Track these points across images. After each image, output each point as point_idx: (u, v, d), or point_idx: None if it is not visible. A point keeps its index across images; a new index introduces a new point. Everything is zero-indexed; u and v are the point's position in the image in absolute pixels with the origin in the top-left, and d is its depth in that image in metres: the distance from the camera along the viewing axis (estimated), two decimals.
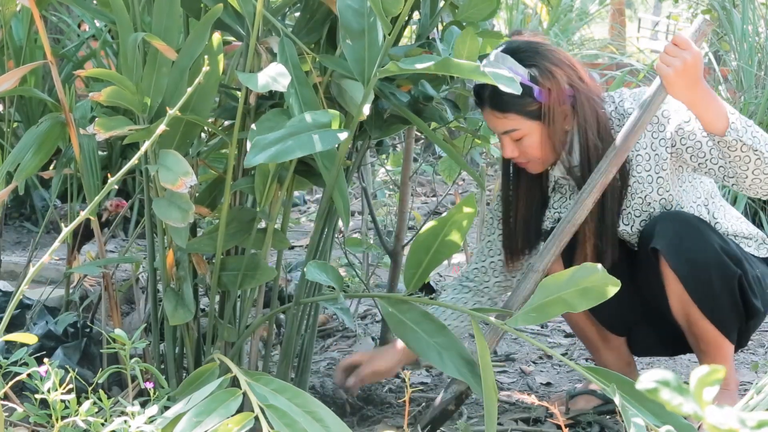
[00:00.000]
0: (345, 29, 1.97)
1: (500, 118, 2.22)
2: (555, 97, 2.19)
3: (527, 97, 2.18)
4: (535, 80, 2.19)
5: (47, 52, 2.28)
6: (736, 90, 5.00)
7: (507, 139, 2.25)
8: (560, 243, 2.20)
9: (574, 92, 2.22)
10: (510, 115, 2.21)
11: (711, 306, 2.23)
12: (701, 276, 2.20)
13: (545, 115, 2.21)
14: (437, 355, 2.00)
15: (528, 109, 2.20)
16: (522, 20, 8.03)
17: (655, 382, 0.67)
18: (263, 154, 1.86)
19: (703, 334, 2.27)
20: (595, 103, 2.24)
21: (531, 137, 2.23)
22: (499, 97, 2.16)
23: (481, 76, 1.84)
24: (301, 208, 5.33)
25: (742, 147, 2.10)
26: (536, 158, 2.27)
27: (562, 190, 2.40)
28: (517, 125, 2.22)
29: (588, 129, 2.22)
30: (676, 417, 1.76)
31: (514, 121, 2.22)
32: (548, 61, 2.19)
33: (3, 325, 1.68)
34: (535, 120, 2.21)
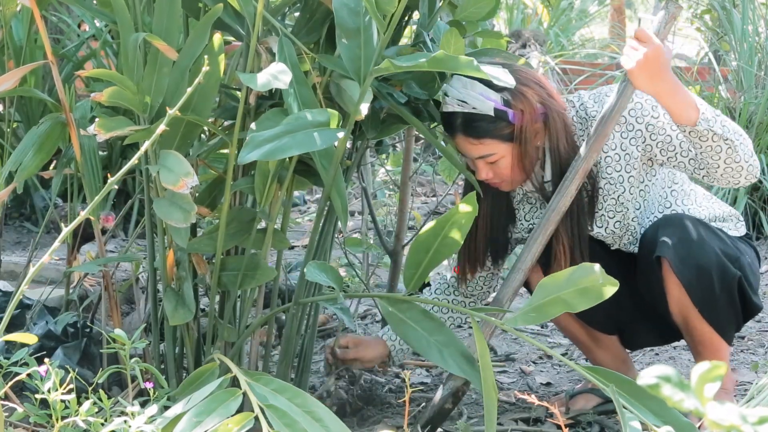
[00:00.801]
0: (340, 28, 1.98)
1: (475, 144, 2.22)
2: (528, 118, 2.19)
3: (501, 121, 2.19)
4: (508, 104, 2.19)
5: (48, 52, 2.28)
6: (736, 90, 5.00)
7: (481, 163, 2.25)
8: (546, 233, 2.21)
9: (545, 109, 2.22)
10: (485, 141, 2.21)
11: (711, 309, 2.24)
12: (704, 281, 2.21)
13: (518, 137, 2.20)
14: (438, 353, 2.00)
15: (502, 133, 2.20)
16: (522, 20, 8.03)
17: (656, 378, 0.67)
18: (257, 151, 1.86)
19: (700, 337, 2.28)
20: (564, 117, 2.25)
21: (506, 159, 2.23)
22: (472, 124, 2.18)
23: (475, 71, 1.84)
24: (301, 208, 5.33)
25: (713, 137, 2.11)
26: (510, 178, 2.27)
27: (531, 200, 2.41)
28: (493, 150, 2.22)
29: (559, 143, 2.23)
30: (676, 416, 1.76)
31: (489, 146, 2.21)
32: (518, 82, 2.14)
33: (3, 325, 1.68)
34: (510, 142, 2.21)
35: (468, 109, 2.18)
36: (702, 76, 5.47)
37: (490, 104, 2.17)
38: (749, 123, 4.71)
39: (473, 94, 2.18)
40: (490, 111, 2.18)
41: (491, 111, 2.18)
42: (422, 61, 1.86)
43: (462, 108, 2.19)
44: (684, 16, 8.22)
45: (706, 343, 2.28)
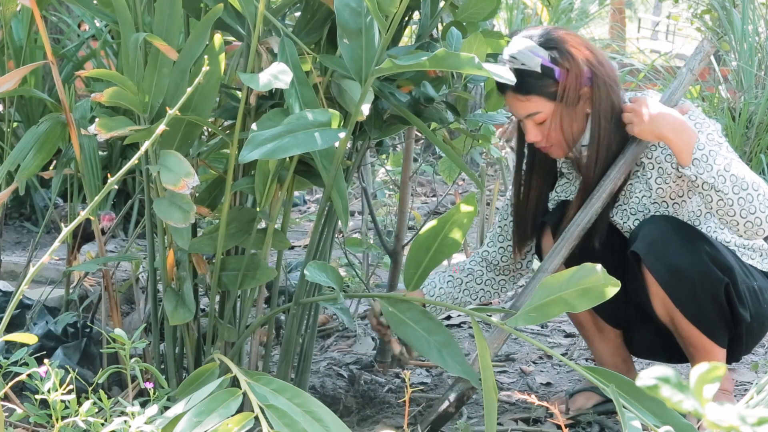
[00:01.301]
0: (342, 28, 1.98)
1: (522, 101, 2.26)
2: (573, 78, 2.23)
3: (548, 79, 2.23)
4: (556, 61, 2.23)
5: (48, 52, 2.28)
6: (736, 90, 5.00)
7: (530, 123, 2.28)
8: (569, 246, 2.25)
9: (592, 74, 2.25)
10: (532, 98, 2.24)
11: (694, 312, 2.23)
12: (683, 282, 2.21)
13: (563, 95, 2.24)
14: (438, 353, 2.00)
15: (549, 91, 2.24)
16: (522, 20, 8.03)
17: (655, 379, 0.67)
18: (258, 151, 1.86)
19: (690, 339, 2.28)
20: (611, 89, 2.27)
21: (553, 119, 2.26)
22: (521, 80, 2.20)
23: (477, 69, 1.84)
24: (301, 208, 5.33)
25: (702, 185, 2.16)
26: (558, 141, 2.29)
27: (568, 176, 2.43)
28: (539, 107, 2.25)
29: (602, 113, 2.26)
30: (676, 416, 1.76)
31: (536, 103, 2.25)
32: (567, 44, 2.24)
33: (3, 325, 1.68)
34: (557, 101, 2.24)
35: (517, 65, 2.23)
36: (702, 76, 5.47)
37: (537, 60, 2.22)
38: (749, 123, 4.71)
39: (523, 51, 2.23)
40: (536, 67, 2.21)
41: (538, 67, 2.21)
42: (423, 60, 1.86)
43: (512, 64, 2.23)
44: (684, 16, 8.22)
45: (697, 345, 2.28)
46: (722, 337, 2.28)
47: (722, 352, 2.29)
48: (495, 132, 2.90)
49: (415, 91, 2.24)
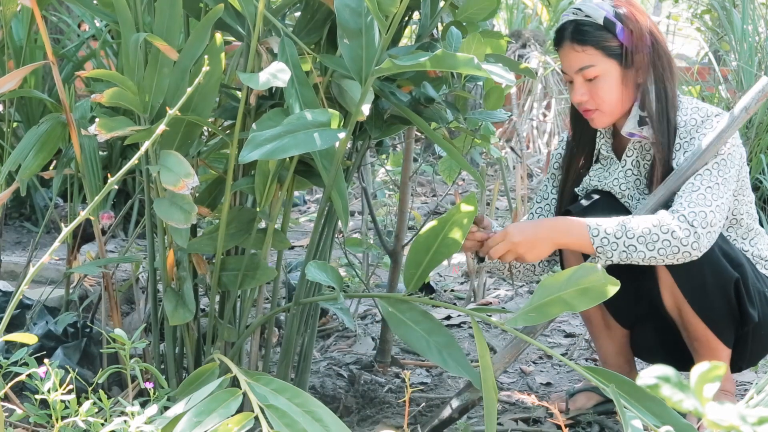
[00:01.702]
0: (342, 28, 1.98)
1: (578, 51, 2.25)
2: (636, 40, 2.23)
3: (608, 33, 2.24)
4: (620, 18, 2.24)
5: (48, 52, 2.28)
6: (736, 90, 5.00)
7: (579, 79, 2.27)
8: None
9: (652, 43, 2.25)
10: (588, 49, 2.24)
11: (703, 306, 2.22)
12: (693, 272, 2.18)
13: (624, 56, 2.24)
14: (438, 354, 2.00)
15: (607, 44, 2.24)
16: (522, 20, 8.03)
17: (655, 378, 0.67)
18: (258, 151, 1.86)
19: (695, 333, 2.26)
20: (671, 59, 2.29)
21: (604, 78, 2.25)
22: (581, 29, 2.24)
23: (475, 69, 1.84)
24: (301, 208, 5.33)
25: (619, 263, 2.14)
26: (606, 104, 2.27)
27: (603, 162, 2.41)
28: (594, 61, 2.25)
29: (667, 81, 2.26)
30: (676, 417, 1.76)
31: (592, 56, 2.25)
32: (634, 7, 2.26)
33: (3, 325, 1.68)
34: (613, 59, 2.24)
35: (581, 16, 2.25)
36: (702, 76, 5.47)
37: (602, 12, 2.24)
38: (749, 123, 4.71)
39: (589, 4, 2.25)
40: (600, 19, 2.23)
41: (601, 19, 2.23)
42: (423, 60, 1.86)
43: (576, 15, 2.26)
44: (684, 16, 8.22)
45: (702, 341, 2.26)
46: (728, 335, 2.26)
47: (726, 352, 2.28)
48: (495, 132, 2.90)
49: (415, 92, 2.24)
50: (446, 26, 2.32)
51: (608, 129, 2.39)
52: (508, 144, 6.23)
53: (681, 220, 2.11)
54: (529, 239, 2.15)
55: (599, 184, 2.39)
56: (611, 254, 2.12)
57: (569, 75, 2.30)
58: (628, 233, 2.11)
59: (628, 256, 2.12)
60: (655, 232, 2.11)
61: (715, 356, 2.27)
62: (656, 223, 2.11)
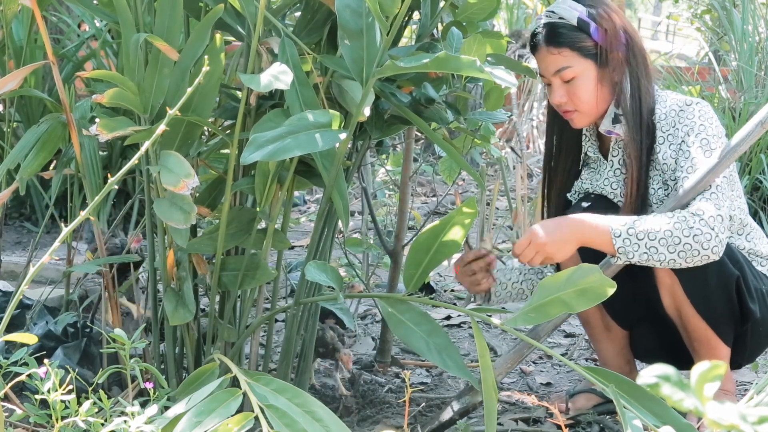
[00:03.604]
0: (343, 29, 1.98)
1: (554, 54, 2.26)
2: (610, 39, 2.24)
3: (583, 34, 2.24)
4: (594, 18, 2.24)
5: (48, 52, 2.29)
6: (736, 90, 5.00)
7: (557, 81, 2.28)
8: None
9: (627, 41, 2.26)
10: (564, 51, 2.25)
11: (704, 304, 2.21)
12: (698, 274, 2.18)
13: (599, 55, 2.24)
14: (438, 355, 2.00)
15: (582, 45, 2.25)
16: (525, 20, 8.03)
17: (655, 377, 0.67)
18: (259, 152, 1.86)
19: (695, 333, 2.26)
20: (646, 57, 2.29)
21: (581, 79, 2.26)
22: (556, 32, 2.24)
23: (477, 72, 1.84)
24: (301, 208, 5.33)
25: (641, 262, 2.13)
26: (584, 104, 2.28)
27: (593, 165, 2.42)
28: (570, 62, 2.25)
29: (640, 77, 2.26)
30: (676, 416, 1.76)
31: (568, 57, 2.25)
32: (605, 6, 2.26)
33: (3, 325, 1.68)
34: (589, 59, 2.25)
35: (554, 19, 2.26)
36: (702, 76, 5.47)
37: (574, 13, 2.25)
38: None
39: (562, 5, 2.26)
40: (573, 20, 2.24)
41: (575, 20, 2.24)
42: (425, 62, 1.86)
43: (549, 18, 2.27)
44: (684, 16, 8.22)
45: (702, 340, 2.26)
46: (728, 333, 2.26)
47: (726, 351, 2.28)
48: (495, 132, 2.90)
49: (415, 92, 2.23)
50: (446, 26, 2.32)
51: (593, 131, 2.39)
52: (508, 144, 6.23)
53: (702, 223, 2.10)
54: (555, 240, 2.14)
55: (591, 186, 2.41)
56: (632, 255, 2.11)
57: (547, 78, 2.31)
58: (650, 235, 2.10)
59: (648, 258, 2.11)
60: (677, 235, 2.09)
61: (715, 355, 2.27)
62: (679, 225, 2.10)
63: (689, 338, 2.29)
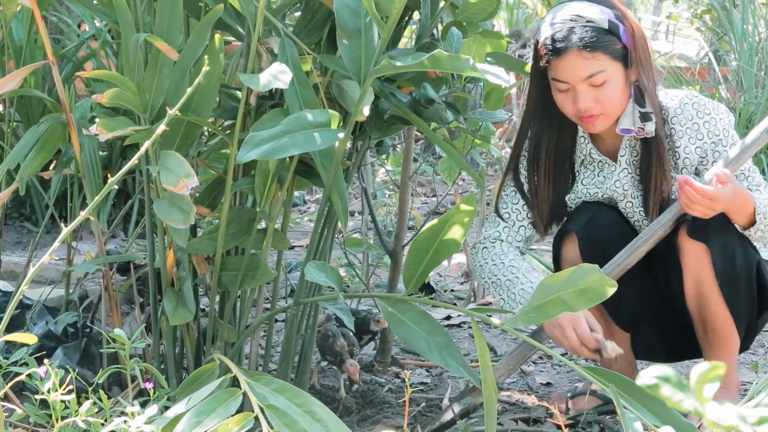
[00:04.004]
0: (341, 29, 1.98)
1: (588, 58, 2.19)
2: (635, 40, 2.23)
3: (613, 36, 2.21)
4: (621, 20, 2.22)
5: (48, 52, 2.28)
6: (736, 90, 5.00)
7: (584, 86, 2.21)
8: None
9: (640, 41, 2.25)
10: (598, 55, 2.20)
11: (730, 285, 2.22)
12: (727, 252, 2.20)
13: (626, 57, 2.22)
14: (439, 354, 2.00)
15: (614, 48, 2.21)
16: (524, 20, 8.03)
17: (655, 378, 0.67)
18: (256, 151, 1.86)
19: (714, 323, 2.25)
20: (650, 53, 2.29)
21: (612, 82, 2.22)
22: (588, 34, 2.19)
23: (473, 71, 1.84)
24: (301, 208, 5.33)
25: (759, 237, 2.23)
26: (613, 108, 2.25)
27: (590, 167, 2.39)
28: (603, 66, 2.20)
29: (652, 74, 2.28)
30: (676, 416, 1.76)
31: (601, 61, 2.20)
32: (621, 7, 2.25)
33: (3, 325, 1.68)
34: (619, 62, 2.22)
35: (583, 23, 2.20)
36: (702, 76, 5.47)
37: (604, 16, 2.20)
38: (749, 123, 4.71)
39: (587, 8, 2.21)
40: (604, 23, 2.20)
41: (605, 23, 2.20)
42: (422, 61, 1.86)
43: (575, 23, 2.20)
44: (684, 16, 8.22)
45: (718, 330, 2.26)
46: (743, 321, 2.28)
47: (737, 342, 2.30)
48: (495, 132, 2.90)
49: (415, 92, 2.23)
50: (446, 26, 2.32)
51: (587, 134, 2.37)
52: (508, 144, 6.22)
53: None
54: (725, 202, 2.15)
55: (599, 190, 2.36)
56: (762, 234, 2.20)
57: (570, 83, 2.21)
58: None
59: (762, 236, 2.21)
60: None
61: (728, 347, 2.28)
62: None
63: (704, 328, 2.28)
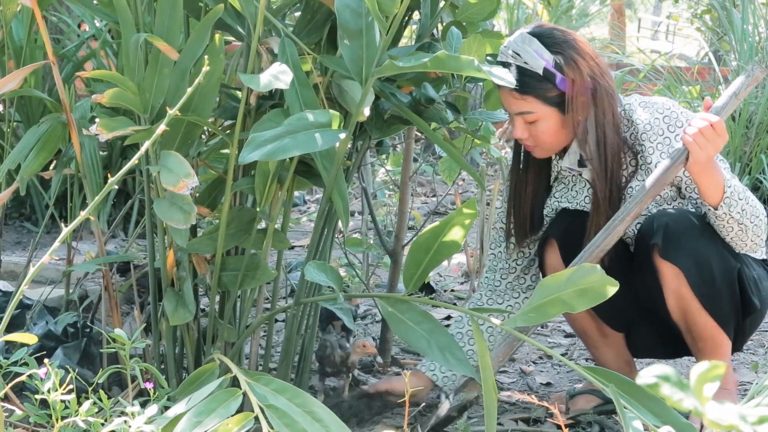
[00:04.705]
0: (343, 29, 1.98)
1: (518, 99, 2.22)
2: (577, 89, 2.20)
3: (549, 83, 2.20)
4: (560, 68, 2.20)
5: (48, 52, 2.28)
6: None
7: (519, 119, 2.25)
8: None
9: (594, 85, 2.22)
10: (528, 98, 2.22)
11: (711, 299, 2.23)
12: (703, 268, 2.20)
13: (565, 105, 2.22)
14: (440, 354, 2.00)
15: (547, 95, 2.21)
16: (524, 20, 8.03)
17: (655, 377, 0.67)
18: (258, 152, 1.86)
19: (701, 332, 2.27)
20: (613, 100, 2.25)
21: (544, 122, 2.23)
22: (521, 79, 2.19)
23: (476, 71, 1.84)
24: (301, 208, 5.33)
25: (728, 219, 2.18)
26: (545, 143, 2.28)
27: (564, 181, 2.41)
28: (534, 108, 2.22)
29: (606, 125, 2.24)
30: (676, 416, 1.76)
31: (532, 104, 2.22)
32: (574, 51, 2.20)
33: (3, 325, 1.68)
34: (553, 107, 2.22)
35: (519, 63, 2.20)
36: (702, 76, 5.47)
37: (541, 63, 2.19)
38: (749, 123, 4.71)
39: (528, 49, 2.20)
40: (539, 69, 2.19)
41: (540, 69, 2.19)
42: (424, 62, 1.86)
43: (514, 60, 2.21)
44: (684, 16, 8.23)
45: (708, 338, 2.27)
46: (731, 328, 2.29)
47: (729, 346, 2.30)
48: (495, 132, 2.90)
49: (415, 92, 2.23)
50: (446, 26, 2.33)
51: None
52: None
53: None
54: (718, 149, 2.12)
55: (570, 204, 2.39)
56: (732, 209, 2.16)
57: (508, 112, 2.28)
58: (748, 200, 2.18)
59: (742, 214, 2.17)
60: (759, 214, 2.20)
61: (720, 352, 2.29)
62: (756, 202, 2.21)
63: (694, 339, 2.30)
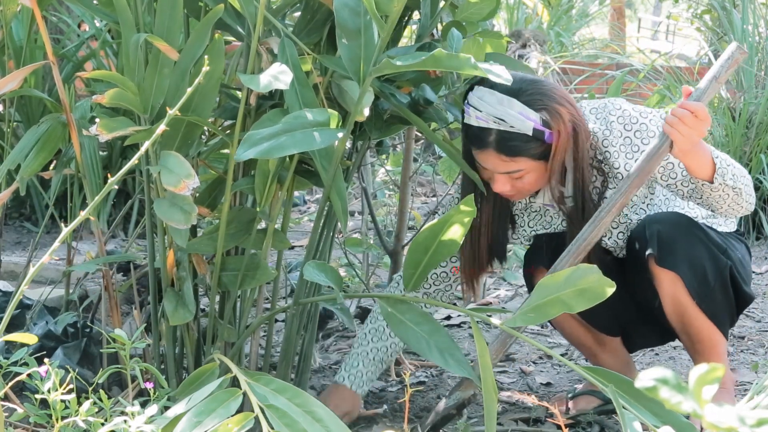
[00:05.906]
0: (341, 28, 1.98)
1: (506, 161, 2.17)
2: (563, 137, 2.16)
3: (536, 141, 2.15)
4: (547, 124, 2.15)
5: (48, 52, 2.29)
6: (736, 90, 5.00)
7: (503, 177, 2.21)
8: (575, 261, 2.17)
9: (574, 129, 2.18)
10: (518, 159, 2.17)
11: (707, 300, 2.25)
12: (698, 272, 2.22)
13: (552, 156, 2.17)
14: (439, 354, 2.00)
15: (535, 152, 2.17)
16: (524, 20, 8.03)
17: (654, 380, 0.67)
18: (254, 150, 1.86)
19: (698, 334, 2.28)
20: (588, 134, 2.21)
21: (530, 175, 2.20)
22: (508, 143, 2.14)
23: (474, 69, 1.84)
24: (301, 208, 5.33)
25: (723, 188, 2.15)
26: (526, 192, 2.26)
27: (535, 209, 2.40)
28: (523, 167, 2.18)
29: (584, 164, 2.21)
30: (676, 416, 1.76)
31: (520, 163, 2.17)
32: (554, 101, 2.15)
33: (3, 325, 1.68)
34: (540, 160, 2.18)
35: (505, 128, 2.14)
36: (702, 76, 5.46)
37: (529, 124, 2.13)
38: (749, 123, 4.71)
39: (512, 113, 2.13)
40: (528, 131, 2.14)
41: (530, 131, 2.14)
42: (422, 60, 1.86)
43: (499, 126, 2.14)
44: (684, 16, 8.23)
45: (704, 339, 2.28)
46: (727, 326, 2.32)
47: (725, 345, 2.32)
48: None
49: (414, 93, 2.23)
50: (446, 26, 2.33)
51: None
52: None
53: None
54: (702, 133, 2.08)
55: (546, 230, 2.38)
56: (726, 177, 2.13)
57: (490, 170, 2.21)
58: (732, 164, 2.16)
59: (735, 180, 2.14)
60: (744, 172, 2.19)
61: (716, 351, 2.30)
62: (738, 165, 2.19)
63: (690, 340, 2.31)
